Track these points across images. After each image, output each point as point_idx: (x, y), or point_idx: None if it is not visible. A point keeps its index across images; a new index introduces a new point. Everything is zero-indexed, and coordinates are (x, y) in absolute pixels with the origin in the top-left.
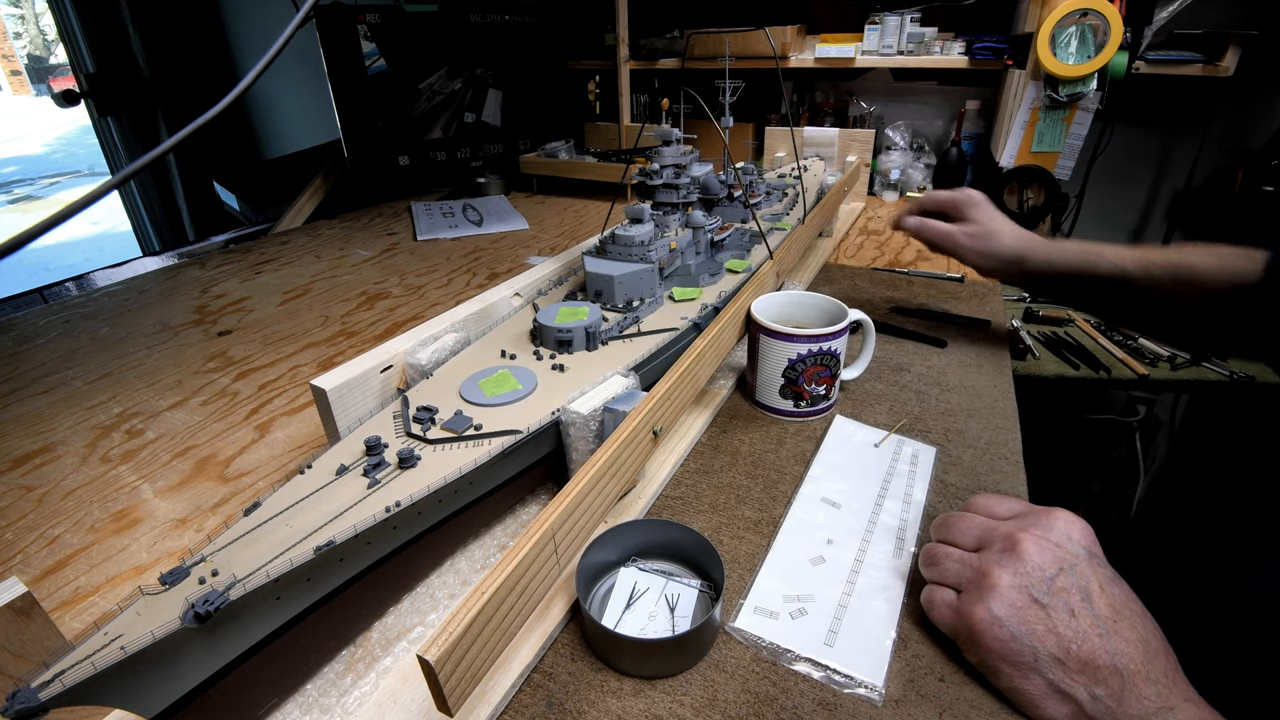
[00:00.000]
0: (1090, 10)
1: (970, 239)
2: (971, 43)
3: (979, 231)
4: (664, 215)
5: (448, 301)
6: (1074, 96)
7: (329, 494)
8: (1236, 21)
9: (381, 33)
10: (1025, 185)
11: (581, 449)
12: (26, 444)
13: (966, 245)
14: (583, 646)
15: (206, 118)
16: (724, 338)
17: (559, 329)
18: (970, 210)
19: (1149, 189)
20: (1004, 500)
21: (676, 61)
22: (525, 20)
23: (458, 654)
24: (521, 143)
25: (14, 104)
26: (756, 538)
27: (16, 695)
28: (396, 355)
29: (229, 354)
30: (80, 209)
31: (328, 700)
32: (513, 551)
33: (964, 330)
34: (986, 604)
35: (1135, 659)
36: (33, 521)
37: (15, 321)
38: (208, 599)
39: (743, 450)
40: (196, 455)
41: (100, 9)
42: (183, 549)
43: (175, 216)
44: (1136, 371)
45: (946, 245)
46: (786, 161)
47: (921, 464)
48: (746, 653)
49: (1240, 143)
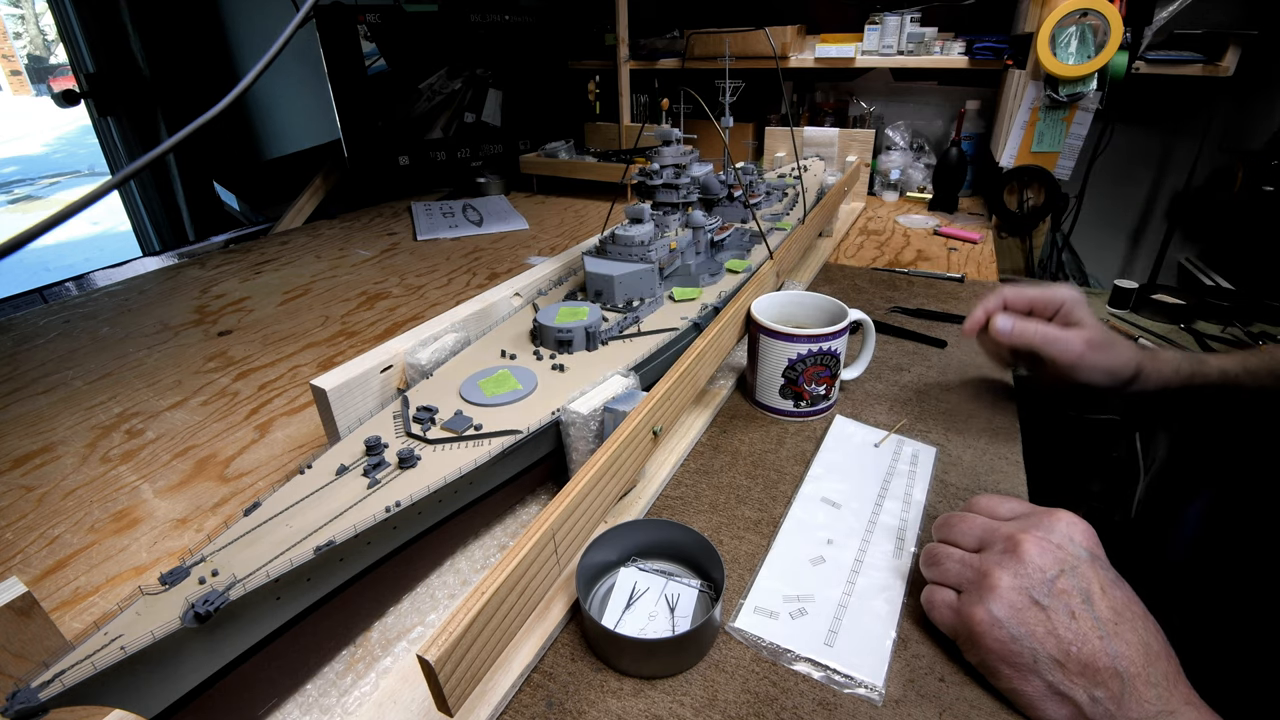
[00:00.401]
0: (1090, 10)
1: (1092, 349)
2: (971, 43)
3: (1101, 340)
4: (664, 215)
5: (448, 301)
6: (1074, 96)
7: (329, 494)
8: (1236, 21)
9: (381, 33)
10: (1025, 185)
11: (581, 449)
12: (26, 444)
13: (1086, 356)
14: (583, 646)
15: (206, 118)
16: (724, 338)
17: (559, 329)
18: (1077, 311)
19: (1149, 189)
20: (1005, 501)
21: (676, 61)
22: (525, 20)
23: (458, 654)
24: (521, 143)
25: (14, 104)
26: (756, 538)
27: (16, 695)
28: (396, 355)
29: (229, 354)
30: (80, 209)
31: (328, 700)
32: (513, 551)
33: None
34: (987, 605)
35: (1136, 661)
36: (33, 521)
37: (15, 321)
38: (208, 599)
39: (743, 450)
40: (196, 455)
41: (100, 9)
42: (183, 549)
43: (175, 216)
44: None
45: (1057, 353)
46: (786, 161)
47: (921, 464)
48: (746, 653)
49: (1240, 143)
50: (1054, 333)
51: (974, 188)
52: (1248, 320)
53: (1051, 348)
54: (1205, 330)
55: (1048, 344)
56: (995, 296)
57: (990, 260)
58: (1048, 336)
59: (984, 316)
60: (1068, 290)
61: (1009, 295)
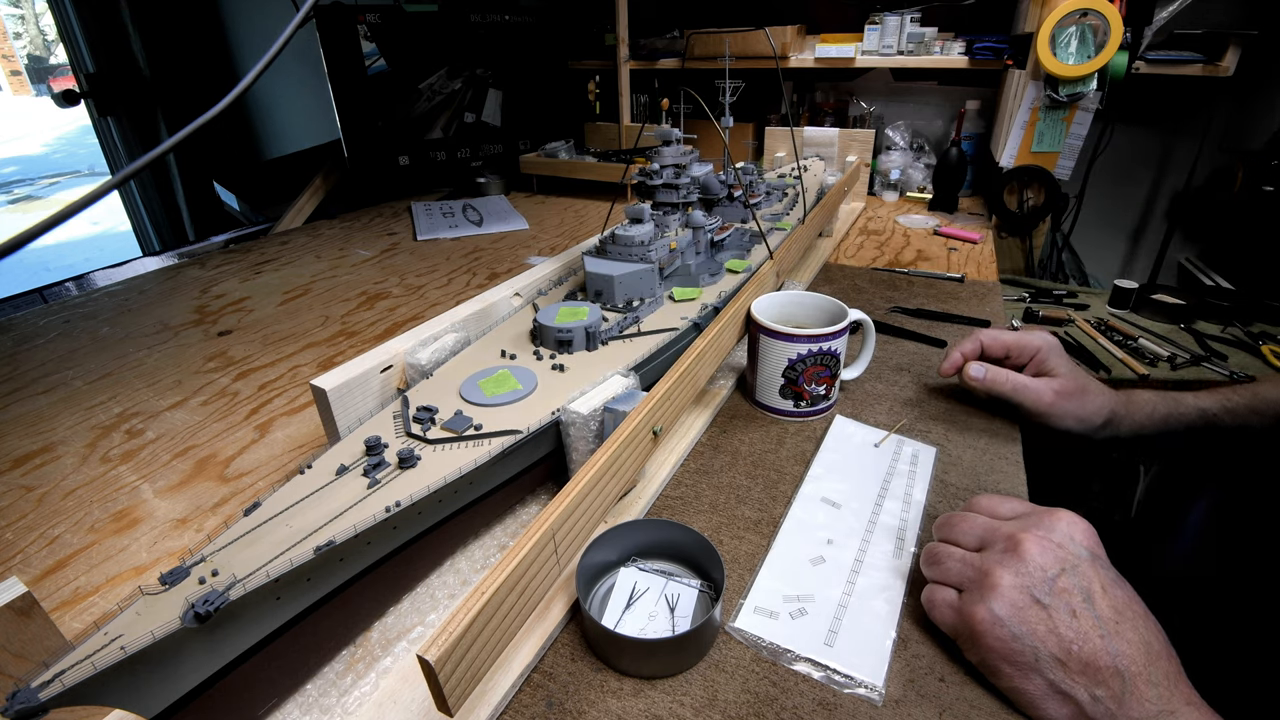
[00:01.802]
0: (1090, 10)
1: (1062, 398)
2: (971, 43)
3: (1071, 388)
4: (664, 215)
5: (448, 301)
6: (1074, 96)
7: (329, 494)
8: (1236, 21)
9: (381, 33)
10: (1025, 185)
11: (581, 449)
12: (26, 444)
13: (1056, 405)
14: (583, 646)
15: (206, 118)
16: (724, 338)
17: (559, 329)
18: (1051, 359)
19: (1149, 189)
20: (1006, 500)
21: (676, 61)
22: (525, 20)
23: (458, 654)
24: (521, 143)
25: (14, 104)
26: (756, 538)
27: (16, 695)
28: (396, 355)
29: (229, 354)
30: (80, 209)
31: (328, 700)
32: (513, 551)
33: (964, 330)
34: (988, 604)
35: (1137, 661)
36: (33, 521)
37: (15, 321)
38: (208, 599)
39: (743, 450)
40: (196, 455)
41: (100, 9)
42: (183, 549)
43: (175, 216)
44: (1137, 371)
45: (1027, 401)
46: (786, 161)
47: (921, 464)
48: (746, 653)
49: (1240, 143)
50: (1024, 382)
51: (974, 188)
52: (1248, 320)
53: (1021, 396)
54: (1205, 330)
55: (1018, 393)
56: (972, 341)
57: (990, 260)
58: (1017, 386)
59: (961, 359)
60: (1043, 337)
61: (986, 340)
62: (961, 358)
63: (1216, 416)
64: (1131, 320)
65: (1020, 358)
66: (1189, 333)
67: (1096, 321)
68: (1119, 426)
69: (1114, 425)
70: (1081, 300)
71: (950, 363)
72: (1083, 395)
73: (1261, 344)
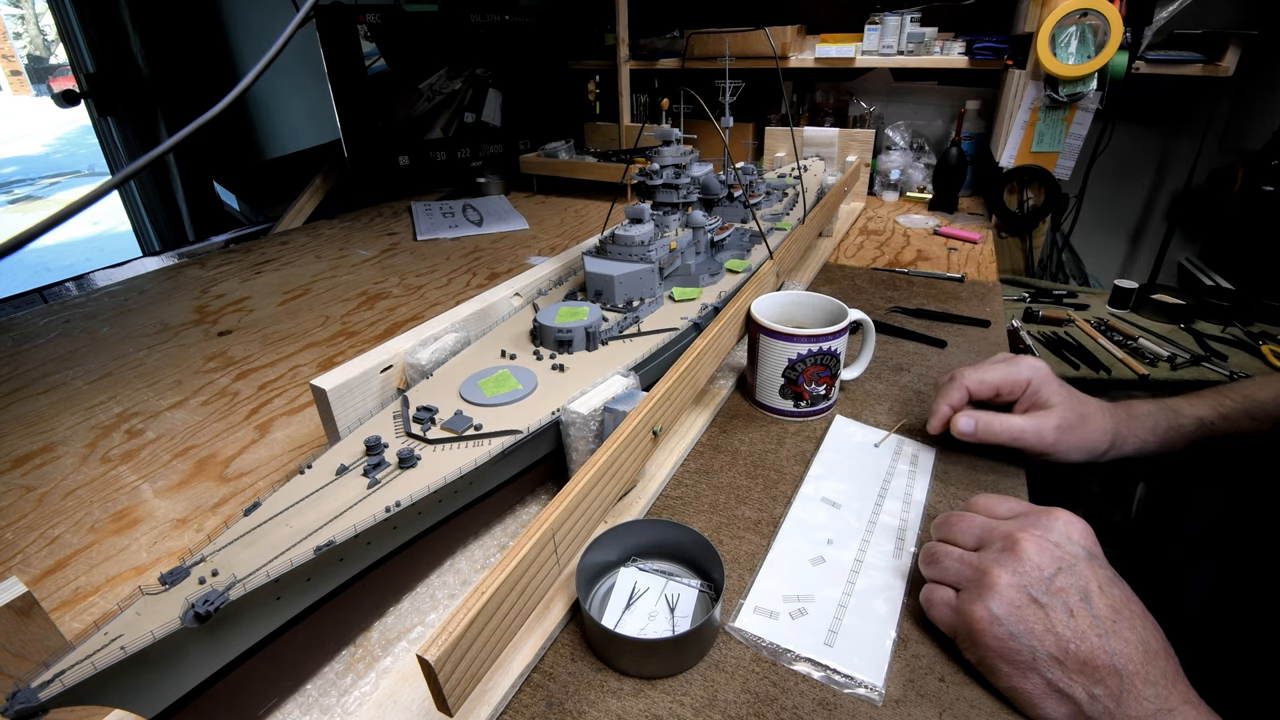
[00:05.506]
0: (1090, 10)
1: (1064, 433)
2: (971, 43)
3: (1071, 419)
4: (664, 215)
5: (448, 301)
6: (1074, 96)
7: (329, 494)
8: (1236, 21)
9: (381, 33)
10: (1025, 185)
11: (581, 449)
12: (26, 444)
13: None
14: (583, 646)
15: (206, 118)
16: (724, 338)
17: (559, 329)
18: (1044, 390)
19: (1149, 189)
20: (1004, 500)
21: (676, 61)
22: (525, 20)
23: (458, 654)
24: (521, 143)
25: (14, 104)
26: (756, 538)
27: (16, 695)
28: (396, 355)
29: (229, 354)
30: (80, 209)
31: (328, 700)
32: (513, 551)
33: (964, 330)
34: (985, 603)
35: (1134, 660)
36: (33, 521)
37: (15, 321)
38: (208, 599)
39: (743, 450)
40: (196, 455)
41: (100, 9)
42: (183, 549)
43: (175, 216)
44: (1137, 371)
45: (1028, 446)
46: (786, 161)
47: (921, 464)
48: (746, 653)
49: (1240, 143)
50: (1020, 428)
51: (974, 188)
52: (1248, 320)
53: (1021, 442)
54: (1205, 330)
55: (1016, 441)
56: (957, 388)
57: (990, 260)
58: (1013, 433)
59: (949, 411)
60: (1031, 365)
61: (971, 386)
62: (950, 410)
63: (1214, 425)
64: (1131, 320)
65: (1011, 394)
66: (1189, 333)
67: (1096, 321)
68: (1123, 448)
69: (1118, 448)
70: (1081, 300)
71: (938, 419)
72: (1084, 424)
73: (1261, 344)
